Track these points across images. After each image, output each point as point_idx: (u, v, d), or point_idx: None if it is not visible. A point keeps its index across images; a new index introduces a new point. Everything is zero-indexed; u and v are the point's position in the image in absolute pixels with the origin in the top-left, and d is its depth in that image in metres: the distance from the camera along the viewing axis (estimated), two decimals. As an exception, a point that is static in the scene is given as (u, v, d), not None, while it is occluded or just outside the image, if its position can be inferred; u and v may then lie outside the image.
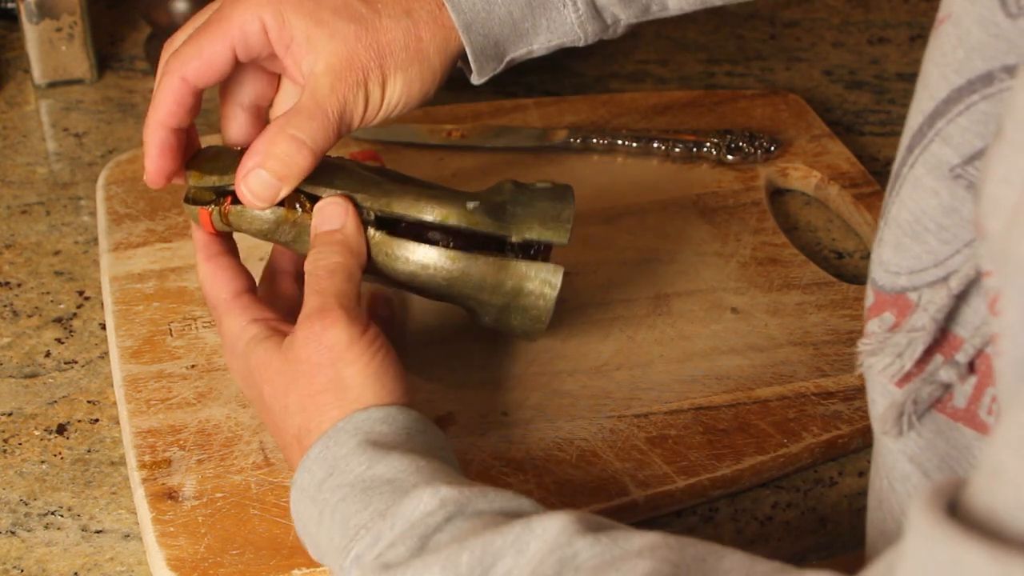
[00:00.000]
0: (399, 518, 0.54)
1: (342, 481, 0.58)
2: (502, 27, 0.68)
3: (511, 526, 0.51)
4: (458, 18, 0.67)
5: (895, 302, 0.53)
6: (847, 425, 0.74)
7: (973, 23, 0.48)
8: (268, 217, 0.67)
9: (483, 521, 0.53)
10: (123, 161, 0.93)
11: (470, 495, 0.54)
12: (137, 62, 1.10)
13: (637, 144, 0.95)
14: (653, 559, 0.48)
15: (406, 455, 0.58)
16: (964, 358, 0.50)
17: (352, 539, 0.55)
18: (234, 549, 0.66)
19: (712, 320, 0.81)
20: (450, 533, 0.53)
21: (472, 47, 0.68)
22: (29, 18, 1.02)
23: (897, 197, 0.52)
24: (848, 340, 0.79)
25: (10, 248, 0.89)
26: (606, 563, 0.49)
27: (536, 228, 0.66)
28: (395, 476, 0.57)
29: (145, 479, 0.70)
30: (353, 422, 0.60)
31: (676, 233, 0.88)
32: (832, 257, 0.89)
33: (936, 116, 0.50)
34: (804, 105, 1.01)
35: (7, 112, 1.03)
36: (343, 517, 0.56)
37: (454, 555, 0.51)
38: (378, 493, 0.56)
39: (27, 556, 0.68)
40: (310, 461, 0.60)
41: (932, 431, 0.53)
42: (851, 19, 1.18)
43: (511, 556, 0.50)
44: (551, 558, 0.49)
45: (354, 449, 0.58)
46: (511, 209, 0.67)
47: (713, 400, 0.75)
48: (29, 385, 0.78)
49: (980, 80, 0.48)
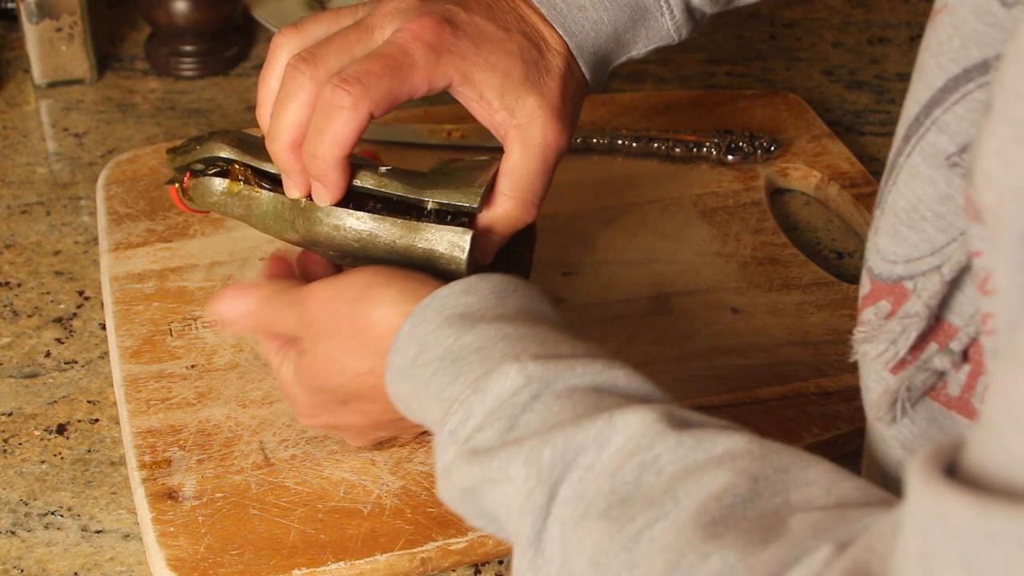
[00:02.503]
0: (488, 393, 0.55)
1: (432, 356, 0.58)
2: (608, 42, 0.71)
3: (594, 420, 0.51)
4: (571, 41, 0.70)
5: (891, 290, 0.53)
6: (847, 425, 0.74)
7: (969, 12, 0.48)
8: (216, 190, 0.70)
9: (572, 402, 0.53)
10: (123, 161, 0.93)
11: (557, 370, 0.54)
12: (137, 62, 1.10)
13: (637, 144, 0.95)
14: (733, 471, 0.48)
15: (492, 323, 0.58)
16: (958, 346, 0.50)
17: (446, 412, 0.56)
18: (234, 549, 0.66)
19: (712, 320, 0.81)
20: (538, 413, 0.53)
21: (587, 66, 0.71)
22: (29, 18, 1.02)
23: (894, 186, 0.53)
24: (848, 340, 0.79)
25: (10, 248, 0.89)
26: (686, 470, 0.48)
27: (446, 192, 0.67)
28: (483, 344, 0.57)
29: (145, 479, 0.70)
30: (438, 298, 0.60)
31: (676, 233, 0.88)
32: (832, 257, 0.89)
33: (933, 105, 0.50)
34: (804, 105, 1.01)
35: (7, 112, 1.03)
36: (436, 391, 0.57)
37: (536, 448, 0.51)
38: (467, 363, 0.57)
39: (27, 556, 0.68)
40: (400, 341, 0.60)
41: (925, 418, 0.53)
42: (851, 19, 1.18)
43: (592, 451, 0.50)
44: (631, 462, 0.49)
45: (442, 324, 0.59)
46: (431, 177, 0.68)
47: (713, 400, 0.75)
48: (29, 385, 0.78)
49: (976, 68, 0.48)
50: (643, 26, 0.72)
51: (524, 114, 0.67)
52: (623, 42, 0.72)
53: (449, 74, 0.65)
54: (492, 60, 0.66)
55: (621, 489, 0.49)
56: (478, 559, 0.68)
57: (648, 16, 0.72)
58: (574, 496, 0.50)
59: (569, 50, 0.69)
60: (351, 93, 0.63)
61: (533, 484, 0.51)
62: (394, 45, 0.65)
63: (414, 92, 0.65)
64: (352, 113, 0.63)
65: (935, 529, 0.36)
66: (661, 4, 0.72)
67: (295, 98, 0.65)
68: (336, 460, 0.71)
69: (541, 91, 0.67)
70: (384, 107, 0.64)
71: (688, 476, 0.48)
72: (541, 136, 0.67)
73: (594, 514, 0.49)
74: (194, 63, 1.07)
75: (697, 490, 0.47)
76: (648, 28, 0.72)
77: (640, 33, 0.72)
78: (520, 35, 0.68)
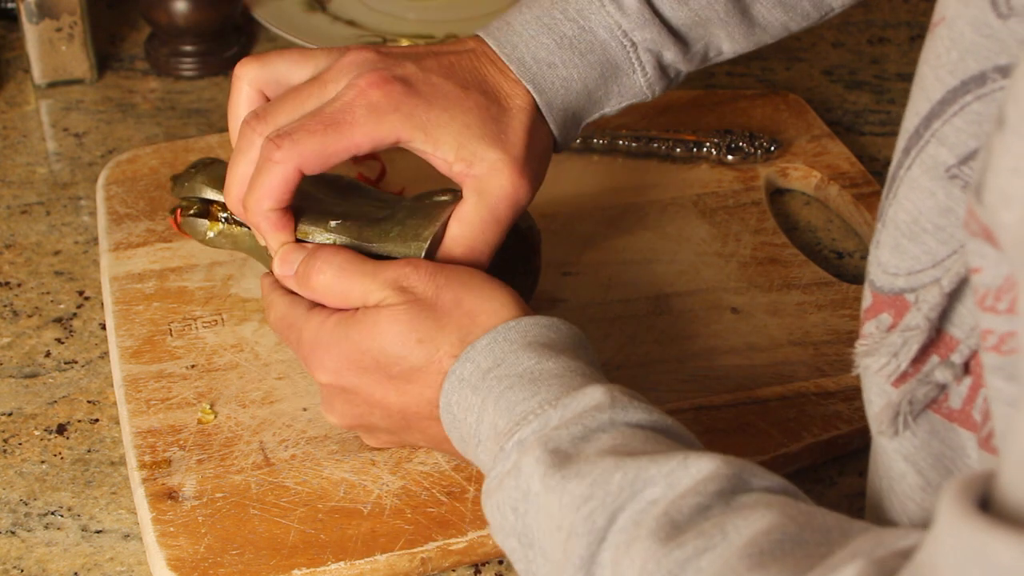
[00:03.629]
0: (569, 409, 0.56)
1: (509, 372, 0.59)
2: (578, 99, 0.72)
3: (668, 457, 0.52)
4: (540, 98, 0.70)
5: (893, 303, 0.53)
6: (847, 425, 0.74)
7: (966, 25, 0.48)
8: (200, 230, 0.75)
9: (642, 436, 0.55)
10: (123, 161, 0.93)
11: (636, 405, 0.57)
12: (137, 62, 1.10)
13: (637, 144, 0.95)
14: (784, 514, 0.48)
15: (573, 359, 0.60)
16: (959, 359, 0.50)
17: (518, 423, 0.57)
18: (234, 549, 0.66)
19: (712, 320, 0.81)
20: (611, 436, 0.55)
21: (555, 123, 0.71)
22: (29, 18, 1.02)
23: (895, 199, 0.53)
24: (848, 340, 0.79)
25: (10, 248, 0.89)
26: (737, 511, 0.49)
27: (393, 245, 0.68)
28: (563, 373, 0.59)
29: (145, 479, 0.70)
30: (522, 324, 0.62)
31: (676, 233, 0.88)
32: (832, 257, 0.89)
33: (932, 117, 0.50)
34: (804, 105, 1.01)
35: (7, 112, 1.03)
36: (508, 404, 0.58)
37: (608, 471, 0.52)
38: (546, 385, 0.58)
39: (27, 556, 0.68)
40: (475, 352, 0.61)
41: (927, 431, 0.53)
42: (851, 19, 1.18)
43: (660, 487, 0.51)
44: (691, 500, 0.50)
45: (524, 346, 0.61)
46: (382, 226, 0.68)
47: (713, 400, 0.75)
48: (29, 385, 0.78)
49: (974, 81, 0.48)
50: (615, 83, 0.73)
51: (484, 166, 0.67)
52: (595, 99, 0.73)
53: (396, 131, 0.66)
54: (446, 116, 0.67)
55: (676, 517, 0.50)
56: (478, 559, 0.68)
57: (620, 73, 0.72)
58: (631, 525, 0.51)
59: (537, 107, 0.70)
60: (280, 147, 0.65)
61: (596, 505, 0.52)
62: (337, 102, 0.66)
63: (353, 149, 0.66)
64: (278, 167, 0.65)
65: (974, 570, 0.36)
66: (632, 62, 0.72)
67: (245, 154, 0.68)
68: (336, 460, 0.71)
69: (503, 145, 0.67)
70: (316, 163, 0.65)
71: (737, 513, 0.49)
72: (499, 187, 0.67)
73: (644, 537, 0.49)
74: (194, 63, 1.07)
75: (746, 526, 0.48)
76: (620, 85, 0.73)
77: (612, 90, 0.73)
78: (479, 93, 0.68)
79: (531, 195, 0.68)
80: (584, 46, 0.71)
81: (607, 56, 0.71)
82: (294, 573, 0.65)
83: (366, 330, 0.63)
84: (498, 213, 0.67)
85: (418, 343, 0.62)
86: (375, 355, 0.63)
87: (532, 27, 0.71)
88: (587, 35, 0.71)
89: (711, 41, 0.74)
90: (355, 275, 0.65)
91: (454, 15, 1.15)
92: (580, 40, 0.71)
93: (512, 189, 0.67)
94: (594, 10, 0.71)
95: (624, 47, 0.71)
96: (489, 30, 0.72)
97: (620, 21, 0.71)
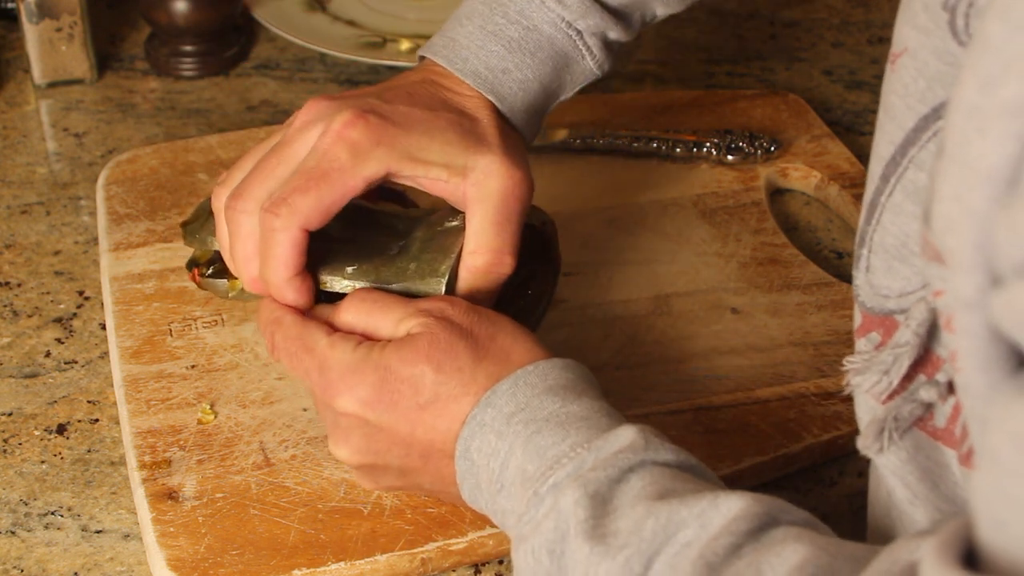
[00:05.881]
0: (602, 451, 0.56)
1: (535, 416, 0.59)
2: (537, 97, 0.73)
3: (698, 499, 0.52)
4: (502, 104, 0.71)
5: (882, 323, 0.54)
6: (847, 425, 0.74)
7: (930, 55, 0.50)
8: (221, 289, 0.73)
9: (670, 475, 0.55)
10: (123, 161, 0.93)
11: (667, 446, 0.57)
12: (137, 62, 1.10)
13: (637, 144, 0.95)
14: (814, 546, 0.49)
15: (596, 400, 0.61)
16: (944, 378, 0.51)
17: (551, 467, 0.57)
18: (234, 549, 0.66)
19: (712, 320, 0.81)
20: (641, 476, 0.55)
21: (520, 123, 0.72)
22: (29, 18, 1.02)
23: (879, 225, 0.54)
24: (848, 340, 0.79)
25: (10, 248, 0.89)
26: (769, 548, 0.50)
27: (412, 283, 0.68)
28: (589, 415, 0.59)
29: (145, 479, 0.70)
30: (540, 367, 0.61)
31: (676, 233, 0.88)
32: (832, 257, 0.89)
33: (907, 145, 0.52)
34: (804, 105, 1.01)
35: (7, 112, 1.03)
36: (538, 448, 0.58)
37: (641, 519, 0.52)
38: (575, 428, 0.58)
39: (27, 556, 0.68)
40: (496, 397, 0.60)
41: (912, 447, 0.54)
42: (851, 19, 1.18)
43: (693, 529, 0.51)
44: (725, 540, 0.50)
45: (545, 391, 0.60)
46: (397, 264, 0.68)
47: (713, 400, 0.75)
48: (29, 385, 0.78)
49: (943, 107, 0.50)
50: (567, 73, 0.74)
51: (478, 173, 0.67)
52: (550, 92, 0.74)
53: (384, 164, 0.66)
54: (426, 139, 0.67)
55: (712, 560, 0.50)
56: (478, 559, 0.68)
57: (571, 63, 0.74)
58: (668, 569, 0.51)
59: (500, 113, 0.71)
60: (279, 215, 0.64)
61: (631, 552, 0.52)
62: (317, 153, 0.65)
63: (348, 193, 0.65)
64: (285, 234, 0.64)
65: None
66: (580, 49, 0.74)
67: (239, 234, 0.67)
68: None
69: (488, 148, 0.68)
70: (317, 220, 0.65)
71: (769, 550, 0.49)
72: (500, 186, 0.67)
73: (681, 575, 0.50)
74: (194, 63, 1.07)
75: (780, 563, 0.48)
76: (572, 73, 0.74)
77: (566, 80, 0.74)
78: (446, 111, 0.68)
79: (531, 186, 0.69)
80: (532, 45, 0.72)
81: (556, 50, 0.73)
82: (294, 573, 0.65)
83: (406, 355, 0.61)
84: (507, 210, 0.67)
85: (457, 371, 0.61)
86: (413, 382, 0.61)
87: (478, 37, 0.71)
88: (533, 34, 0.72)
89: (646, 10, 0.76)
90: (388, 303, 0.65)
91: (454, 15, 1.15)
92: (527, 40, 0.72)
93: (512, 183, 0.67)
94: (535, 8, 0.72)
95: (570, 37, 0.73)
96: (435, 49, 0.72)
97: (562, 14, 0.72)
